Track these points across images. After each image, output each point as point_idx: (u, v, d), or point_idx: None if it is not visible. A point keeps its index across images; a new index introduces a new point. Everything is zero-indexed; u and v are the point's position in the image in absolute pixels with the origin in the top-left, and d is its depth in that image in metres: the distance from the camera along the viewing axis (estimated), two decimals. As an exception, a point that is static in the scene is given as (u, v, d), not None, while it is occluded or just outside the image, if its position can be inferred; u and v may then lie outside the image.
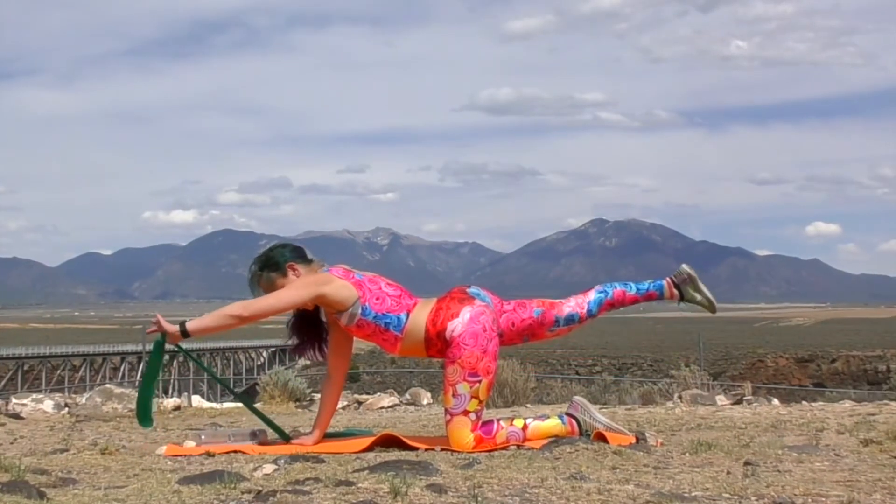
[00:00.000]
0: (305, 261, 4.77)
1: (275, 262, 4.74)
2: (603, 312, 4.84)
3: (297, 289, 4.59)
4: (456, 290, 4.71)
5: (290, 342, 4.92)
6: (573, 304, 4.79)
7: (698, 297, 4.87)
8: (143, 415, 4.67)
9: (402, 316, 4.59)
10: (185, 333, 4.56)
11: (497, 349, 4.57)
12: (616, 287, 4.88)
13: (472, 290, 4.68)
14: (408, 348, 4.61)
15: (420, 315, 4.60)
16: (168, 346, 4.68)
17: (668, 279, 4.90)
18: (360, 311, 4.58)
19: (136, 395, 4.59)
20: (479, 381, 4.47)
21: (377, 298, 4.61)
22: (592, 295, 4.84)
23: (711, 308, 4.92)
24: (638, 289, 4.88)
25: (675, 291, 4.86)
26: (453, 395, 4.47)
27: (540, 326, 4.74)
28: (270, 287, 4.70)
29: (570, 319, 4.77)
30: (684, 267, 4.90)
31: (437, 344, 4.54)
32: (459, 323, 4.51)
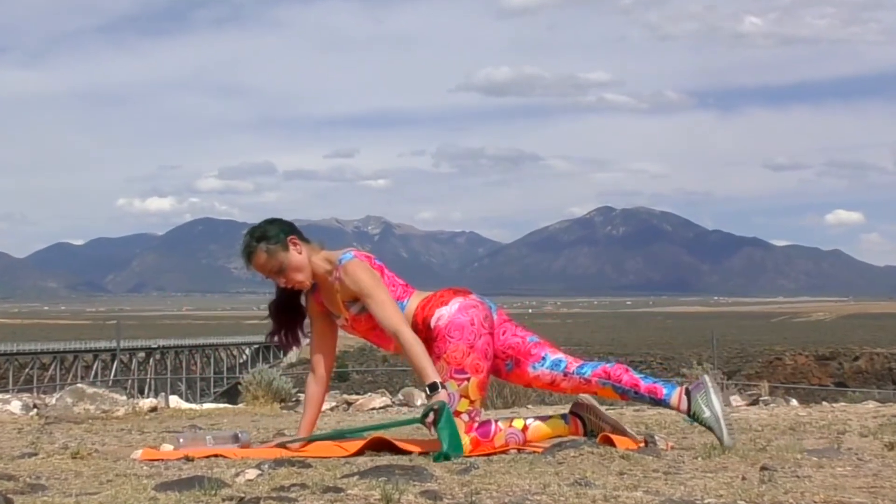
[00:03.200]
0: (303, 238, 4.75)
1: (274, 234, 4.67)
2: (595, 380, 4.54)
3: (378, 282, 4.55)
4: (460, 288, 4.70)
5: (272, 335, 4.90)
6: (569, 356, 4.68)
7: (706, 412, 4.39)
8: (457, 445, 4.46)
9: (405, 303, 4.60)
10: (444, 386, 4.40)
11: (488, 348, 4.52)
12: (622, 364, 4.68)
13: (477, 294, 4.67)
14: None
15: (412, 301, 4.60)
16: None
17: (683, 386, 4.55)
18: None
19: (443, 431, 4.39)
20: (468, 379, 4.43)
21: (392, 286, 4.62)
22: (595, 360, 4.73)
23: (719, 438, 4.37)
24: (645, 377, 4.58)
25: (685, 399, 4.45)
26: (441, 396, 4.44)
27: (526, 355, 4.63)
28: (270, 261, 4.63)
29: (556, 364, 4.61)
30: (704, 376, 4.58)
31: (423, 332, 4.51)
32: (447, 312, 4.49)
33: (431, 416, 4.29)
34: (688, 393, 4.46)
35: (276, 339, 4.91)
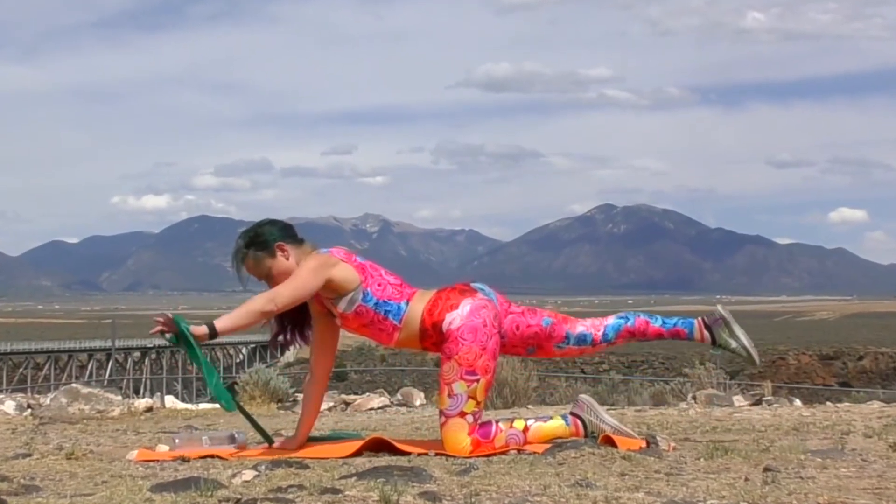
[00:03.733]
0: (296, 240, 4.75)
1: (263, 239, 4.69)
2: (621, 341, 4.77)
3: (311, 273, 4.55)
4: (459, 283, 4.71)
5: (270, 331, 4.91)
6: (588, 325, 4.77)
7: (733, 343, 4.74)
8: (224, 398, 4.62)
9: (403, 304, 4.59)
10: (213, 334, 4.50)
11: (497, 348, 4.57)
12: (640, 315, 4.83)
13: (477, 284, 4.69)
14: (403, 340, 4.61)
15: (417, 304, 4.60)
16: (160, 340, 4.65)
17: (699, 319, 4.80)
18: (360, 296, 4.57)
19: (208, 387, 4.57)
20: (477, 381, 4.46)
21: (379, 284, 4.61)
22: (611, 320, 4.80)
23: (750, 360, 4.81)
24: (664, 322, 4.78)
25: (707, 333, 4.74)
26: (449, 395, 4.46)
27: (548, 339, 4.72)
28: (257, 267, 4.67)
29: (582, 339, 4.72)
30: (718, 308, 4.80)
31: (433, 336, 4.54)
32: (458, 315, 4.51)
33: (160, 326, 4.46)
34: (707, 327, 4.74)
35: (280, 338, 4.92)
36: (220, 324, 4.49)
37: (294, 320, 4.87)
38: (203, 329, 4.49)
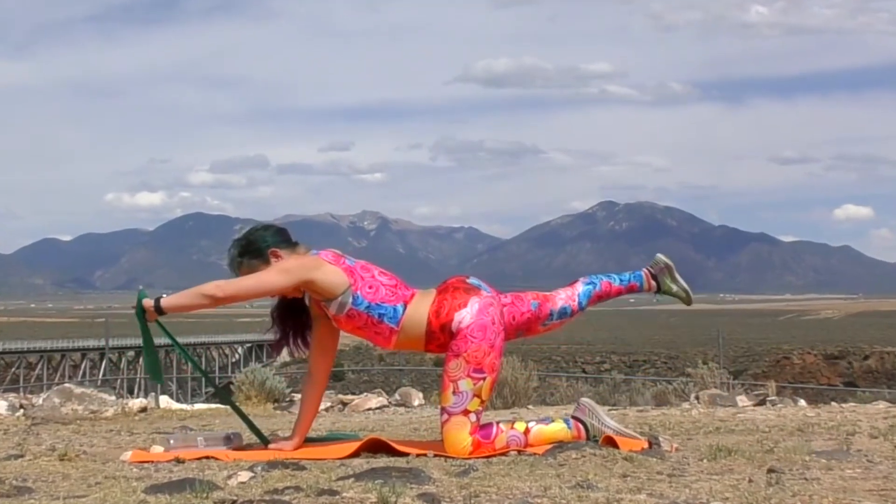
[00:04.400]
0: (290, 245, 4.76)
1: (256, 247, 4.71)
2: (592, 305, 5.00)
3: (281, 272, 4.59)
4: (454, 279, 4.71)
5: (270, 333, 4.92)
6: (564, 297, 4.91)
7: (674, 287, 5.10)
8: (154, 372, 4.80)
9: (399, 307, 4.59)
10: (159, 310, 4.63)
11: (503, 345, 4.62)
12: (602, 278, 5.06)
13: (473, 280, 4.69)
14: (404, 342, 4.62)
15: (420, 307, 4.60)
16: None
17: (645, 269, 5.12)
18: (350, 300, 4.57)
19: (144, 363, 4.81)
20: (484, 378, 4.49)
21: (370, 287, 4.61)
22: (580, 287, 4.98)
23: (687, 300, 5.17)
24: (621, 280, 5.10)
25: (653, 282, 5.09)
26: (454, 393, 4.46)
27: (536, 320, 4.82)
28: (252, 274, 4.70)
29: (563, 313, 4.88)
30: (660, 256, 5.14)
31: (440, 337, 4.55)
32: (468, 314, 4.52)
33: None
34: (653, 277, 5.11)
35: (283, 343, 4.92)
36: (166, 301, 4.65)
37: (296, 325, 4.88)
38: (150, 302, 4.64)
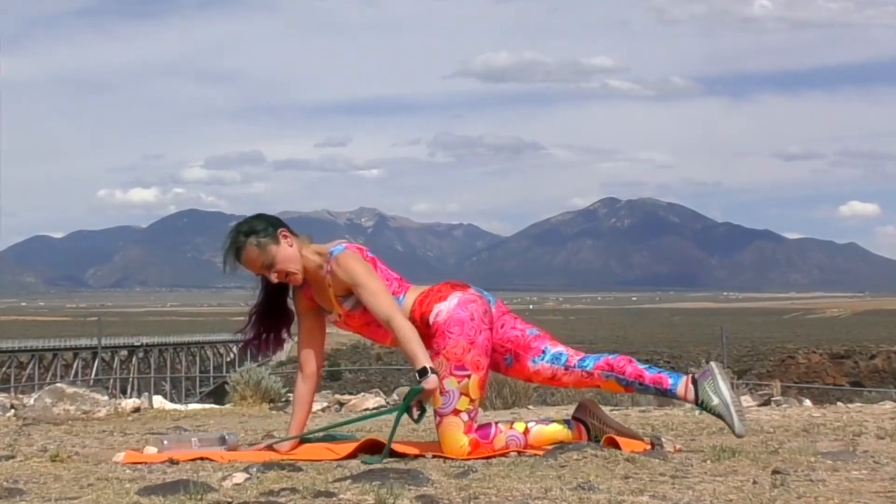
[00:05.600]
0: (291, 231, 4.75)
1: (263, 228, 4.65)
2: (598, 373, 4.59)
3: (368, 270, 4.56)
4: (453, 281, 4.72)
5: (241, 333, 4.89)
6: (570, 349, 4.72)
7: (714, 399, 4.45)
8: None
9: (401, 298, 4.61)
10: (436, 372, 4.41)
11: (488, 344, 4.54)
12: (626, 355, 4.71)
13: (474, 287, 4.69)
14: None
15: (409, 298, 4.61)
16: None
17: (688, 375, 4.58)
18: None
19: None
20: (468, 376, 4.44)
21: (386, 279, 4.62)
22: (595, 354, 4.72)
23: (730, 426, 4.47)
24: (650, 367, 4.62)
25: (692, 388, 4.50)
26: (441, 393, 4.43)
27: (526, 348, 4.68)
28: (262, 255, 4.60)
29: (556, 358, 4.65)
30: (711, 363, 4.61)
31: (421, 329, 4.52)
32: (445, 308, 4.50)
33: (416, 402, 4.39)
34: (694, 382, 4.51)
35: (255, 343, 4.90)
36: (428, 361, 4.39)
37: (270, 325, 4.87)
38: (435, 379, 4.38)
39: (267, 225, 4.68)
